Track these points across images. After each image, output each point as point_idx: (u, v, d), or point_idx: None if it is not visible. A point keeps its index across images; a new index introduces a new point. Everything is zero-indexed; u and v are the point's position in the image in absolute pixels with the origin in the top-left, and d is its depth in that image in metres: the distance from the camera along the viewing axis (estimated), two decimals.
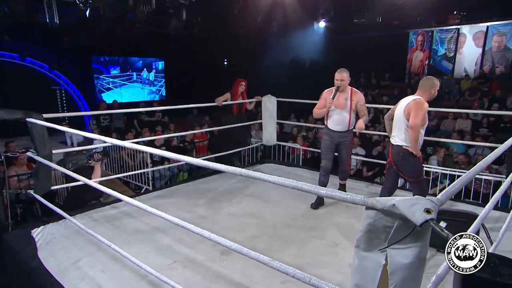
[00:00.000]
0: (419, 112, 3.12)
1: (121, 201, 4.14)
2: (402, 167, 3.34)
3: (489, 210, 2.02)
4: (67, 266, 2.84)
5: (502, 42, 11.60)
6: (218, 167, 1.71)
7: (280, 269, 1.48)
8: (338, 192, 1.25)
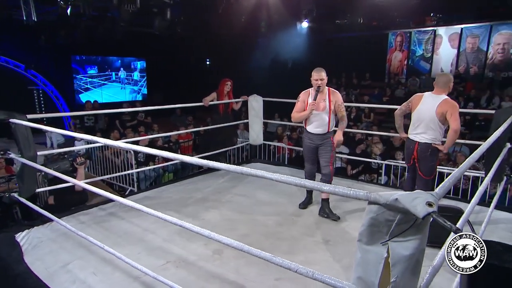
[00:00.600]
0: (457, 115, 3.23)
1: (109, 203, 4.10)
2: (424, 163, 3.41)
3: (474, 205, 2.11)
4: (56, 269, 2.78)
5: (476, 44, 12.08)
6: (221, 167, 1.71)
7: (283, 265, 1.50)
8: (340, 187, 1.29)
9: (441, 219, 1.06)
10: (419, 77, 12.55)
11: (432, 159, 3.41)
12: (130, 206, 2.35)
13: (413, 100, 3.53)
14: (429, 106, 3.36)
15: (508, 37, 11.48)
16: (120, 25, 7.01)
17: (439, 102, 3.30)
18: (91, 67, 13.05)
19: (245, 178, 5.15)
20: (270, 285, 2.60)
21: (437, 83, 3.46)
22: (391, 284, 1.23)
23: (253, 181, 5.02)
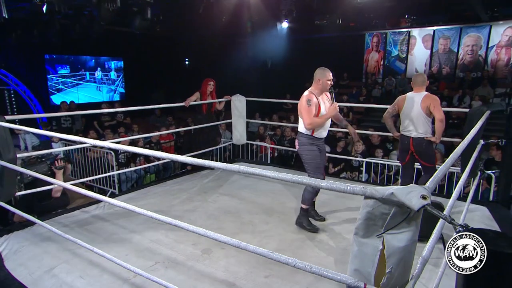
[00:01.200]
0: (440, 106, 3.55)
1: (92, 205, 4.03)
2: (424, 154, 3.68)
3: (455, 199, 2.22)
4: (40, 274, 2.71)
5: (447, 45, 12.57)
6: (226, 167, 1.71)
7: (281, 260, 1.54)
8: (337, 183, 1.34)
9: (436, 210, 1.12)
10: (395, 77, 12.93)
11: (430, 149, 3.70)
12: (120, 207, 2.32)
13: (398, 102, 3.76)
14: (414, 104, 3.61)
15: (476, 39, 12.02)
16: (100, 24, 6.83)
17: (422, 98, 3.58)
18: (62, 66, 12.51)
19: (230, 178, 5.17)
20: (261, 283, 2.63)
21: (415, 82, 3.72)
22: (386, 275, 1.29)
23: (238, 181, 5.05)
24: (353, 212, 3.91)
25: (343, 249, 3.13)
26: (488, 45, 11.80)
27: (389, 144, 7.39)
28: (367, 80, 13.83)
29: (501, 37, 11.58)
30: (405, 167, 3.91)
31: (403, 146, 3.80)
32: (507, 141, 3.91)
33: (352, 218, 3.75)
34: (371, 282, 1.31)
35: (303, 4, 8.63)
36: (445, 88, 11.32)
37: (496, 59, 11.75)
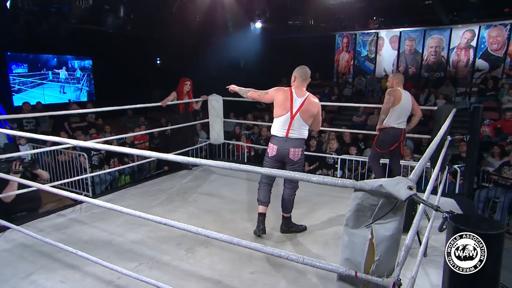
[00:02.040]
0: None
1: (68, 208, 3.91)
2: (402, 146, 4.21)
3: (430, 191, 2.37)
4: (17, 282, 2.61)
5: (413, 46, 13.14)
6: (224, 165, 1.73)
7: (274, 254, 1.59)
8: (328, 178, 1.41)
9: (422, 199, 1.21)
10: (365, 77, 13.34)
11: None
12: (103, 207, 2.29)
13: (397, 96, 4.01)
14: (407, 100, 4.08)
15: (439, 41, 12.65)
16: (70, 21, 6.58)
17: (411, 96, 4.13)
18: (19, 65, 11.71)
19: (209, 178, 5.17)
20: (247, 279, 2.67)
21: (401, 80, 4.14)
22: (375, 262, 1.38)
23: (217, 180, 5.07)
24: (330, 207, 4.03)
25: (323, 243, 3.23)
26: (450, 46, 12.44)
27: (361, 143, 7.63)
28: (338, 79, 14.18)
29: (461, 40, 12.25)
30: (380, 156, 4.27)
31: (394, 138, 4.11)
32: (471, 137, 4.17)
33: (330, 213, 3.87)
34: (361, 270, 1.39)
35: (277, 4, 8.74)
36: (412, 87, 11.79)
37: (457, 60, 12.41)
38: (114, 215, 3.71)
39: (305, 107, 3.13)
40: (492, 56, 11.76)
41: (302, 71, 3.24)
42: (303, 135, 3.22)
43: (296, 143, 3.18)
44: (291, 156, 3.20)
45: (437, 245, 3.12)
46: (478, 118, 4.06)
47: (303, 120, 3.15)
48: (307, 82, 3.26)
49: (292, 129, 3.17)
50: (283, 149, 3.19)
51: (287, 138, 3.18)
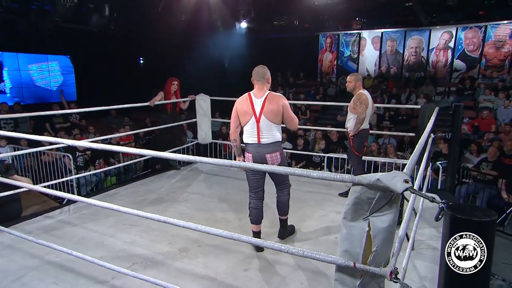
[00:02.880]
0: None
1: (56, 210, 3.86)
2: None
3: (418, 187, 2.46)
4: (8, 284, 2.57)
5: (394, 47, 13.45)
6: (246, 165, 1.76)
7: (274, 248, 1.64)
8: (327, 173, 1.47)
9: (417, 192, 1.29)
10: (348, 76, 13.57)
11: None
12: (97, 206, 2.28)
13: (366, 102, 4.04)
14: (371, 100, 4.15)
15: (419, 42, 13.01)
16: (53, 19, 6.43)
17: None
18: None
19: (197, 177, 5.18)
20: (241, 276, 2.71)
21: (361, 80, 4.23)
22: (372, 253, 1.44)
23: (206, 180, 5.08)
24: (320, 205, 4.12)
25: (314, 240, 3.30)
26: (429, 47, 12.81)
27: (346, 141, 7.77)
28: (322, 79, 14.36)
29: (439, 41, 12.64)
30: (361, 157, 4.30)
31: (366, 138, 4.20)
32: (453, 134, 4.32)
33: (320, 210, 3.95)
34: (359, 260, 1.46)
35: (262, 5, 8.80)
36: (394, 87, 12.10)
37: (436, 61, 12.79)
38: (105, 216, 3.69)
39: (267, 107, 2.92)
40: (469, 57, 12.18)
41: (255, 71, 3.05)
42: (277, 138, 3.01)
43: (271, 149, 2.98)
44: (270, 163, 3.00)
45: (423, 239, 3.25)
46: (459, 117, 4.22)
47: (270, 121, 2.94)
48: (265, 81, 3.02)
49: (262, 134, 2.96)
50: (258, 157, 3.01)
51: (260, 144, 2.98)
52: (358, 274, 1.50)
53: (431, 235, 3.34)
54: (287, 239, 3.32)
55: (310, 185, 4.79)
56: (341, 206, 4.02)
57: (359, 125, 4.03)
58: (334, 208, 3.98)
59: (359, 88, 4.13)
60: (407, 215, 1.92)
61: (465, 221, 1.11)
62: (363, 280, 1.52)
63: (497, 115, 9.26)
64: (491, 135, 7.46)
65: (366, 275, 1.50)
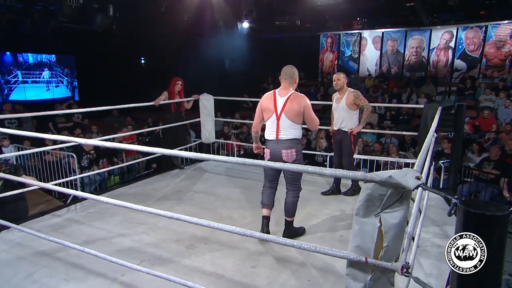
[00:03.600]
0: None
1: (63, 209, 3.89)
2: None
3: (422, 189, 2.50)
4: (19, 281, 2.60)
5: (395, 46, 13.48)
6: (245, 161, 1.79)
7: (287, 244, 1.67)
8: (340, 171, 1.50)
9: (430, 188, 1.32)
10: (349, 76, 13.60)
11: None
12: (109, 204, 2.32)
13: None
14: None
15: (419, 42, 13.04)
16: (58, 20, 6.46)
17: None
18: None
19: (202, 176, 5.22)
20: (249, 272, 2.74)
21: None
22: (384, 248, 1.48)
23: (210, 179, 5.11)
24: (323, 204, 4.15)
25: (320, 238, 3.34)
26: (430, 47, 12.84)
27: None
28: (323, 79, 14.39)
29: (440, 40, 12.67)
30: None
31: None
32: (456, 134, 4.36)
33: (324, 209, 3.99)
34: (371, 256, 1.49)
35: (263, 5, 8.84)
36: (395, 87, 12.13)
37: (437, 60, 12.82)
38: (111, 214, 3.72)
39: (288, 106, 3.04)
40: (469, 57, 12.21)
41: (284, 70, 3.17)
42: (295, 135, 3.12)
43: (287, 145, 3.09)
44: (285, 158, 3.10)
45: (427, 237, 3.28)
46: (462, 116, 4.26)
47: (290, 120, 3.06)
48: (292, 81, 3.13)
49: (281, 130, 3.09)
50: (276, 152, 3.12)
51: (278, 141, 3.11)
52: (369, 269, 1.54)
53: (435, 233, 3.37)
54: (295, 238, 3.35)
55: (314, 184, 4.83)
56: (345, 205, 4.07)
57: (368, 118, 4.19)
58: (338, 207, 4.02)
59: (346, 86, 4.27)
60: (415, 213, 1.96)
61: (478, 215, 1.14)
62: (374, 275, 1.55)
63: (498, 114, 9.31)
64: (492, 135, 7.50)
65: (377, 270, 1.54)
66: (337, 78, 4.23)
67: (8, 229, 3.24)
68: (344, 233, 3.37)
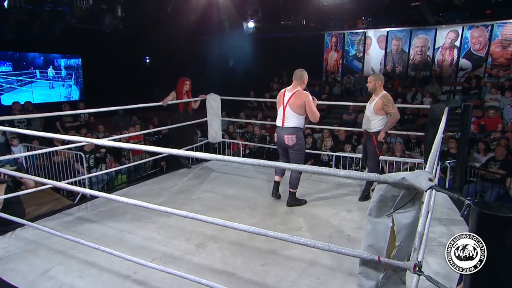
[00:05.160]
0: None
1: (74, 207, 3.95)
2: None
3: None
4: (35, 278, 2.67)
5: (399, 46, 13.47)
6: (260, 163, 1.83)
7: (300, 242, 1.72)
8: (353, 172, 1.55)
9: (443, 190, 1.36)
10: (353, 76, 13.61)
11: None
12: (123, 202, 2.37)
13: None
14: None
15: (424, 41, 13.02)
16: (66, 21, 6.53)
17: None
18: (2, 63, 11.41)
19: (209, 175, 5.27)
20: (259, 271, 2.79)
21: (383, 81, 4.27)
22: (396, 247, 1.52)
23: (217, 178, 5.16)
24: (330, 203, 4.20)
25: (328, 236, 3.38)
26: (435, 46, 12.82)
27: (355, 140, 7.85)
28: (328, 78, 14.40)
29: (445, 40, 12.64)
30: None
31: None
32: (462, 134, 4.38)
33: (332, 209, 4.03)
34: (383, 255, 1.54)
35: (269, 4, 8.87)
36: (399, 86, 12.13)
37: (442, 60, 12.80)
38: (121, 213, 3.78)
39: (293, 99, 3.78)
40: (475, 56, 12.18)
41: (295, 72, 3.91)
42: (297, 124, 3.82)
43: (289, 131, 3.83)
44: (286, 142, 3.86)
45: (434, 236, 3.32)
46: (468, 116, 4.27)
47: (293, 111, 3.79)
48: (301, 81, 3.87)
49: (285, 119, 3.84)
50: (280, 136, 3.89)
51: (282, 127, 3.88)
52: (382, 268, 1.58)
53: (442, 232, 3.41)
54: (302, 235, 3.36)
55: (320, 184, 4.88)
56: (352, 205, 4.11)
57: (393, 126, 4.16)
58: (345, 207, 4.05)
59: (380, 88, 4.12)
60: (424, 213, 2.00)
61: (492, 217, 1.17)
62: (386, 273, 1.59)
63: (503, 114, 9.29)
64: (497, 134, 7.49)
65: (389, 269, 1.58)
66: (368, 80, 4.25)
67: (22, 227, 3.31)
68: (352, 232, 3.42)
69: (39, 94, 12.56)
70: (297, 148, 3.91)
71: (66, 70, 13.34)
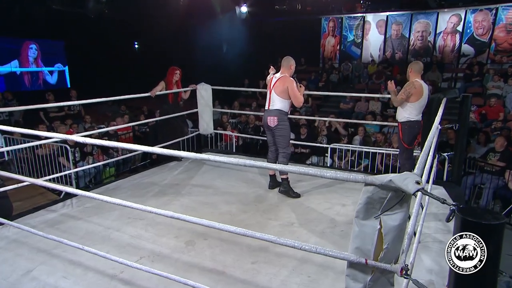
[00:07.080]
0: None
1: (58, 203, 3.85)
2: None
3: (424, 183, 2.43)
4: (17, 278, 2.58)
5: (399, 31, 13.17)
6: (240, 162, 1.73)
7: (288, 244, 1.65)
8: (340, 173, 1.44)
9: (429, 193, 1.26)
10: (351, 62, 13.32)
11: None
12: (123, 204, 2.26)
13: (417, 90, 3.80)
14: (427, 94, 3.87)
15: (426, 26, 12.73)
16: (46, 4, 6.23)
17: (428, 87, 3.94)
18: None
19: (200, 169, 5.14)
20: (249, 269, 2.71)
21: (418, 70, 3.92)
22: (383, 250, 1.44)
23: (208, 172, 5.04)
24: (325, 197, 4.10)
25: (320, 232, 3.28)
26: (436, 31, 12.53)
27: (351, 129, 7.72)
28: (324, 65, 14.15)
29: (447, 24, 12.35)
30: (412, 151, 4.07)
31: (418, 131, 3.90)
32: (460, 125, 4.24)
33: (325, 203, 3.94)
34: (371, 257, 1.46)
35: None
36: (398, 73, 11.92)
37: (443, 45, 12.54)
38: (108, 209, 3.68)
39: (277, 84, 3.97)
40: (478, 41, 11.92)
41: (283, 59, 4.04)
42: (280, 107, 3.98)
43: (272, 113, 4.00)
44: (269, 123, 4.03)
45: (429, 232, 3.23)
46: (467, 107, 4.14)
47: (277, 95, 3.97)
48: (288, 68, 3.99)
49: (271, 102, 4.04)
50: (265, 118, 4.08)
51: (268, 110, 4.07)
52: (369, 270, 1.51)
53: (437, 228, 3.32)
54: (294, 231, 3.32)
55: (315, 178, 4.76)
56: (346, 199, 4.01)
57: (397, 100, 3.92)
58: (339, 201, 3.95)
59: (413, 75, 3.88)
60: (415, 212, 1.90)
61: (475, 224, 1.15)
62: (374, 276, 1.53)
63: (506, 102, 9.07)
64: (499, 124, 7.33)
65: (376, 271, 1.51)
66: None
67: (2, 226, 3.21)
68: (346, 228, 3.33)
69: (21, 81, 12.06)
70: (280, 131, 4.03)
71: (49, 56, 12.75)
